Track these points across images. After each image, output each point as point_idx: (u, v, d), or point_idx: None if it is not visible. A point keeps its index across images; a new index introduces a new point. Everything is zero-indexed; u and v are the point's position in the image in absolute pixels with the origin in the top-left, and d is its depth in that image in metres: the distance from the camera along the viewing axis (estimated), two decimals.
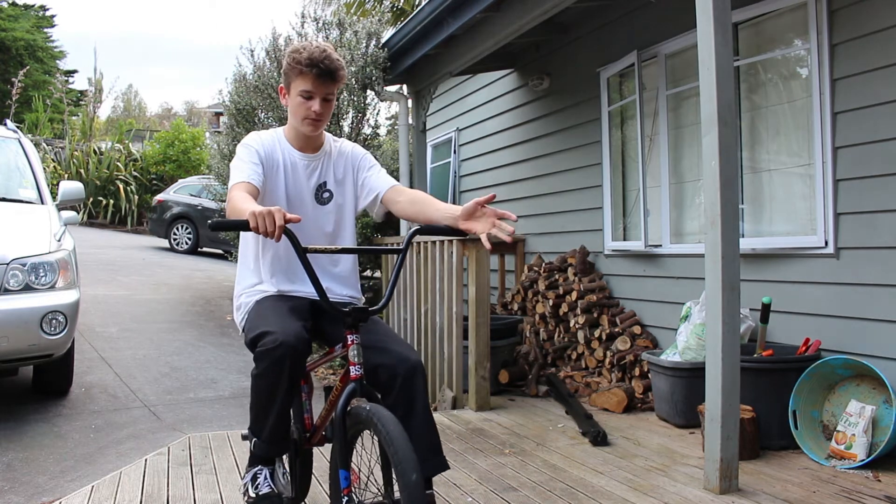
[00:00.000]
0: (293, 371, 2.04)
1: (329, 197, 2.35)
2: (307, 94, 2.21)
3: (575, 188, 5.89)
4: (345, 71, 2.27)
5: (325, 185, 2.34)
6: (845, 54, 3.61)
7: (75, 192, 5.34)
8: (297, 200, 2.30)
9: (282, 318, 2.10)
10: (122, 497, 2.90)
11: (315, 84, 2.19)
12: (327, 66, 2.18)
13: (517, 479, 3.11)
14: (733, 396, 2.89)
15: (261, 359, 2.03)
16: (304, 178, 2.31)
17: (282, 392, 2.05)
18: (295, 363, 2.03)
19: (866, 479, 3.05)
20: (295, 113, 2.26)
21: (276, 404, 2.08)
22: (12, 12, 23.47)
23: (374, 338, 2.15)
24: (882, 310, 3.44)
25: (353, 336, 2.00)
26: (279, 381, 2.03)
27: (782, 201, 4.13)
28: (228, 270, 11.07)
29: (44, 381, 4.85)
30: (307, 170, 2.32)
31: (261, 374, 2.05)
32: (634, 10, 5.16)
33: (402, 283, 5.30)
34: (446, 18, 5.20)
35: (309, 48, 2.20)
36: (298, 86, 2.21)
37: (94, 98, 19.85)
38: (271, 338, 2.01)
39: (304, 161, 2.32)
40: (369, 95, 6.83)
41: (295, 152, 2.32)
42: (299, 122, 2.26)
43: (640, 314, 5.12)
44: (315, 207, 2.33)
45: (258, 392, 2.09)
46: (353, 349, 2.00)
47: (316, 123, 2.25)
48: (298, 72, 2.20)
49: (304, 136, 2.31)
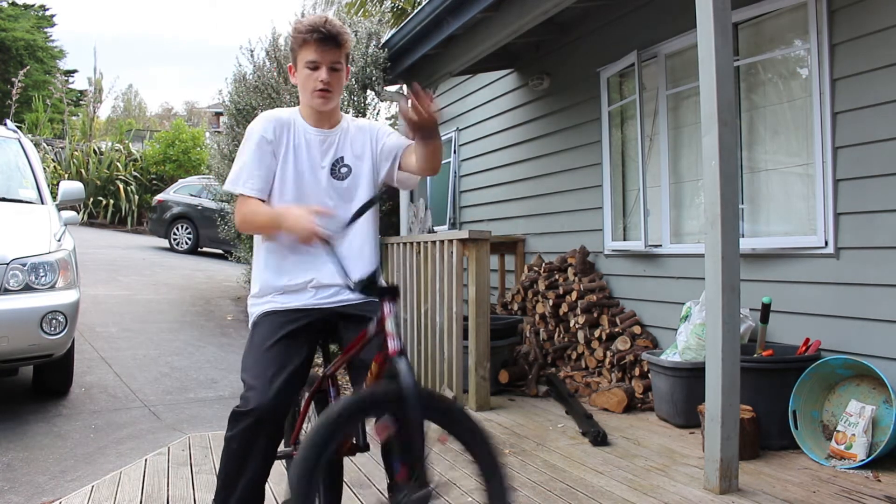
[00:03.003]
0: (269, 436, 1.92)
1: (347, 172, 2.22)
2: (312, 63, 2.12)
3: (575, 188, 5.89)
4: (349, 36, 2.17)
5: (342, 161, 2.22)
6: (845, 54, 3.61)
7: (75, 192, 5.33)
8: (311, 176, 2.18)
9: (265, 369, 1.96)
10: (122, 497, 2.90)
11: (319, 51, 2.11)
12: (329, 30, 2.10)
13: (517, 479, 3.11)
14: (733, 396, 2.89)
15: (233, 421, 1.93)
16: (318, 155, 2.20)
17: (254, 460, 1.91)
18: (271, 428, 1.91)
19: (866, 479, 3.05)
20: (304, 87, 2.17)
21: (246, 473, 1.93)
22: (12, 12, 23.46)
23: None
24: (882, 310, 3.44)
25: (390, 304, 1.83)
26: (251, 447, 1.90)
27: (782, 201, 4.13)
28: (229, 270, 11.07)
29: (44, 381, 4.85)
30: (322, 145, 2.21)
31: (232, 436, 1.93)
32: (634, 10, 5.16)
33: (402, 283, 5.30)
34: (446, 18, 5.20)
35: (310, 18, 2.15)
36: (304, 57, 2.13)
37: (94, 98, 19.86)
38: (247, 396, 1.90)
39: (319, 137, 2.21)
40: (369, 95, 6.83)
41: (310, 128, 2.21)
42: (309, 97, 2.16)
43: (640, 314, 5.12)
44: (330, 182, 2.20)
45: (227, 456, 1.95)
46: (390, 320, 1.81)
47: (325, 94, 2.14)
48: (301, 41, 2.12)
49: (317, 112, 2.20)
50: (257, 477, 1.97)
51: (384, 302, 1.85)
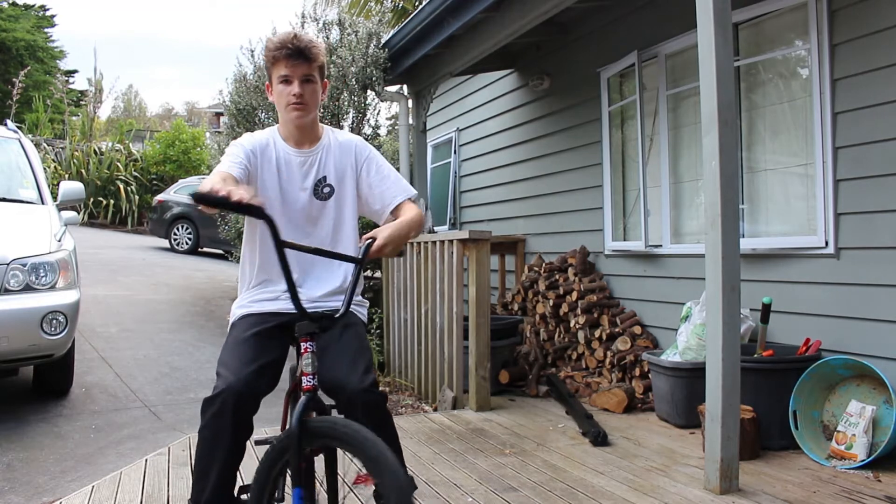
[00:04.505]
0: (237, 422, 1.92)
1: (330, 192, 2.24)
2: (284, 78, 2.15)
3: (575, 188, 5.89)
4: (319, 49, 2.18)
5: (325, 180, 2.23)
6: (845, 54, 3.61)
7: (76, 192, 5.33)
8: (292, 198, 2.20)
9: (237, 358, 2.00)
10: (123, 497, 2.90)
11: (288, 65, 2.13)
12: (296, 45, 2.12)
13: (517, 479, 3.11)
14: (733, 396, 2.89)
15: (203, 410, 1.95)
16: (298, 176, 2.21)
17: (223, 448, 1.93)
18: (239, 412, 1.92)
19: (866, 480, 3.05)
20: (279, 103, 2.20)
21: (215, 463, 1.94)
22: (12, 12, 23.46)
23: (334, 348, 2.05)
24: (882, 310, 3.44)
25: (308, 344, 1.87)
26: (221, 433, 1.92)
27: (782, 201, 4.13)
28: (229, 271, 11.07)
29: (44, 381, 4.85)
30: (303, 166, 2.22)
31: (203, 425, 1.95)
32: (634, 10, 5.16)
33: (403, 283, 5.30)
34: (446, 18, 5.20)
35: (280, 35, 2.17)
36: (276, 73, 2.17)
37: (94, 98, 19.87)
38: (217, 384, 1.93)
39: (299, 157, 2.22)
40: (370, 96, 6.83)
41: (289, 149, 2.23)
42: (284, 111, 2.19)
43: (640, 314, 5.12)
44: (313, 203, 2.22)
45: (199, 447, 1.97)
46: (307, 357, 1.87)
47: (300, 107, 2.16)
48: (272, 59, 2.16)
49: (297, 129, 2.22)
50: (228, 465, 1.98)
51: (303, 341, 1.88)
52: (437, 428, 4.04)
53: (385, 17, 9.29)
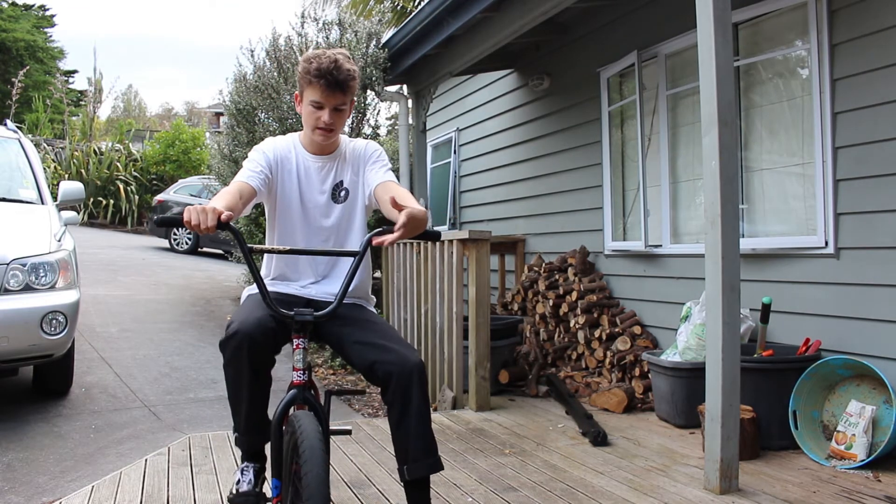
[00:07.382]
0: (253, 359, 2.05)
1: (346, 195, 2.37)
2: (317, 104, 2.22)
3: (575, 188, 5.89)
4: (356, 80, 2.26)
5: (342, 184, 2.36)
6: (845, 54, 3.61)
7: (75, 192, 5.33)
8: (311, 203, 2.34)
9: (250, 311, 2.12)
10: (123, 497, 2.90)
11: (324, 95, 2.20)
12: (335, 77, 2.17)
13: (517, 479, 3.11)
14: (733, 396, 2.89)
15: (222, 348, 2.09)
16: (317, 181, 2.34)
17: (246, 381, 2.08)
18: (253, 351, 2.04)
19: (866, 480, 3.05)
20: (307, 122, 2.28)
21: (243, 393, 2.11)
22: (12, 12, 23.47)
23: (371, 335, 2.15)
24: (882, 310, 3.44)
25: (300, 340, 1.97)
26: (240, 369, 2.06)
27: (782, 201, 4.13)
28: (229, 271, 11.07)
29: (44, 381, 4.85)
30: (321, 172, 2.35)
31: (226, 363, 2.10)
32: (634, 10, 5.16)
33: (403, 283, 5.30)
34: (446, 18, 5.20)
35: (320, 58, 2.19)
36: (309, 95, 2.23)
37: (94, 98, 19.87)
38: (232, 327, 2.05)
39: (317, 164, 2.35)
40: (369, 95, 6.84)
41: (308, 156, 2.35)
42: (311, 131, 2.28)
43: (640, 314, 5.12)
44: (330, 205, 2.35)
45: (228, 383, 2.15)
46: (298, 353, 1.97)
47: (326, 133, 2.26)
48: (308, 81, 2.21)
49: (319, 144, 2.33)
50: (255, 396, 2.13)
51: (295, 337, 1.99)
52: (437, 428, 4.03)
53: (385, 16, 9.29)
